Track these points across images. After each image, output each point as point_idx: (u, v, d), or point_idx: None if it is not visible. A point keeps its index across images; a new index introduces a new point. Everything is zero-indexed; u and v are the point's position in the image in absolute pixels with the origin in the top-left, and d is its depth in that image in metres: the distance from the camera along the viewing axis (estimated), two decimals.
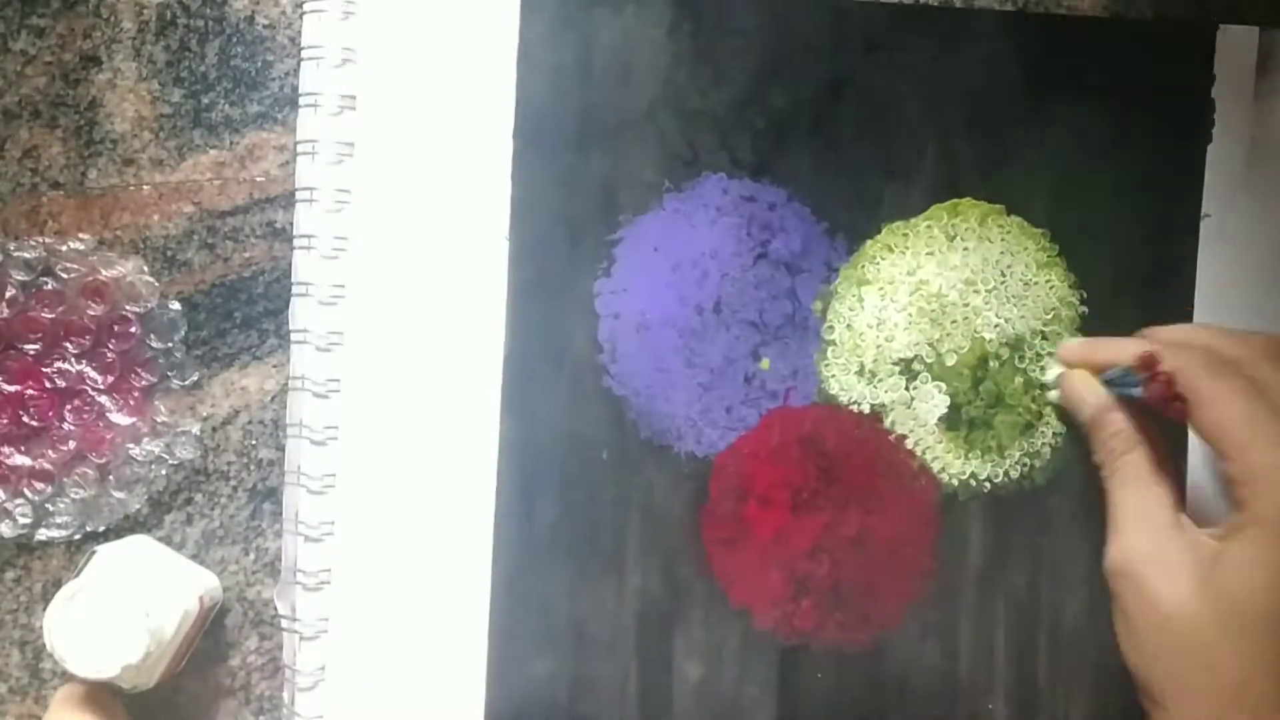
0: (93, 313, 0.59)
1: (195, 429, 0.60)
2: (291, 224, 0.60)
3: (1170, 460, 0.54)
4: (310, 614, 0.59)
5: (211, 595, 0.58)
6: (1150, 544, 0.51)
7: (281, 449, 0.60)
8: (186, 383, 0.60)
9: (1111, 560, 0.53)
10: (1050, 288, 0.61)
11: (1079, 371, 0.58)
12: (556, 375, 0.60)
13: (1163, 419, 0.54)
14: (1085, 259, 0.61)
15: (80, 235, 0.59)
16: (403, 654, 0.59)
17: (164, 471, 0.60)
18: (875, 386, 0.60)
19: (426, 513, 0.59)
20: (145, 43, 0.60)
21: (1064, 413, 0.60)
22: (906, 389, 0.60)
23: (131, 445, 0.59)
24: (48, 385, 0.59)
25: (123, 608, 0.52)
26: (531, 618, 0.59)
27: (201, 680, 0.60)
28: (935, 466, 0.61)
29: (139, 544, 0.57)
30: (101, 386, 0.59)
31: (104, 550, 0.56)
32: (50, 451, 0.59)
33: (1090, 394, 0.57)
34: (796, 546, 0.60)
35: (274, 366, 0.60)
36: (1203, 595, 0.49)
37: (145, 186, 0.60)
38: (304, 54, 0.59)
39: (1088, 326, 0.61)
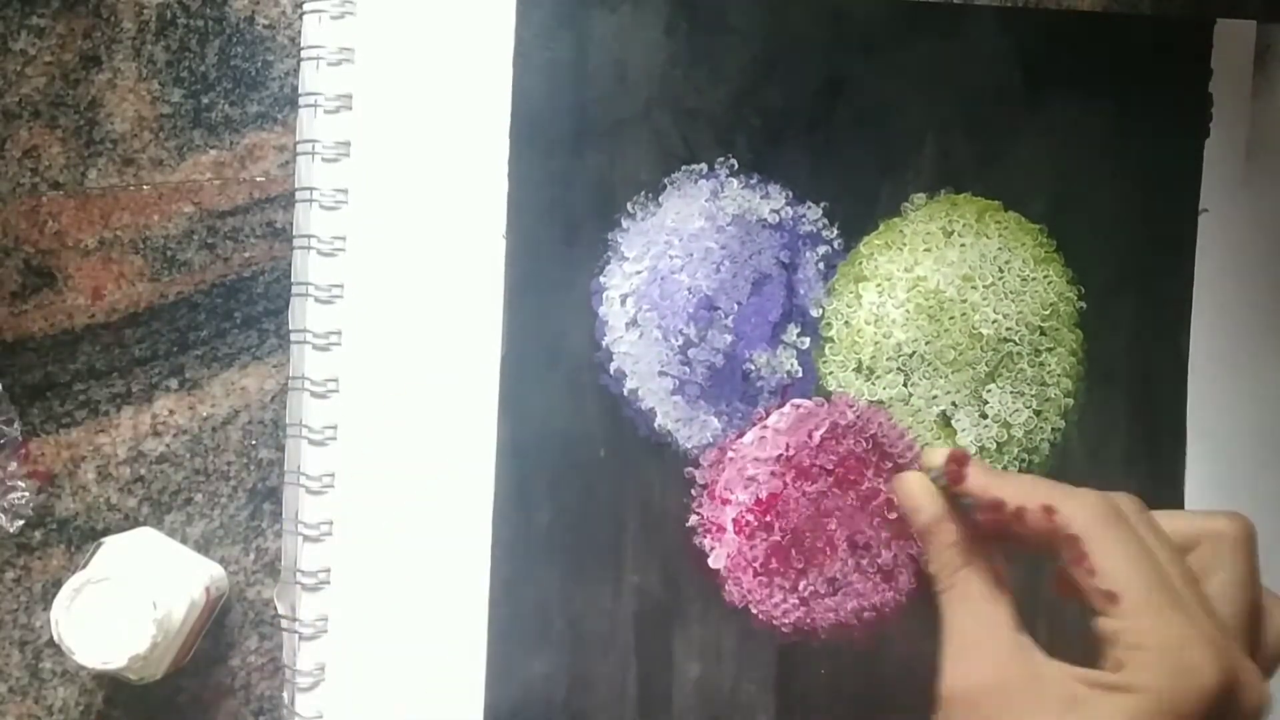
0: None
1: (195, 429, 0.60)
2: (291, 224, 0.60)
3: (1007, 575, 0.50)
4: (310, 614, 0.58)
5: (218, 586, 0.58)
6: (992, 672, 0.47)
7: (281, 449, 0.60)
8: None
9: (950, 688, 0.48)
10: (1048, 283, 0.61)
11: (917, 474, 0.52)
12: (553, 373, 0.60)
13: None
14: (1083, 254, 0.61)
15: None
16: (402, 653, 0.59)
17: (164, 471, 0.60)
18: (873, 383, 0.60)
19: (425, 512, 0.59)
20: (145, 43, 0.60)
21: (1069, 411, 0.60)
22: (904, 385, 0.60)
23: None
24: None
25: (130, 599, 0.52)
26: (530, 616, 0.59)
27: (201, 680, 0.60)
28: None
29: (145, 535, 0.57)
30: None
31: (110, 542, 0.55)
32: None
33: (927, 498, 0.51)
34: (794, 543, 0.60)
35: (274, 366, 0.60)
36: None
37: (145, 186, 0.60)
38: (303, 54, 0.59)
39: (1086, 322, 0.61)
